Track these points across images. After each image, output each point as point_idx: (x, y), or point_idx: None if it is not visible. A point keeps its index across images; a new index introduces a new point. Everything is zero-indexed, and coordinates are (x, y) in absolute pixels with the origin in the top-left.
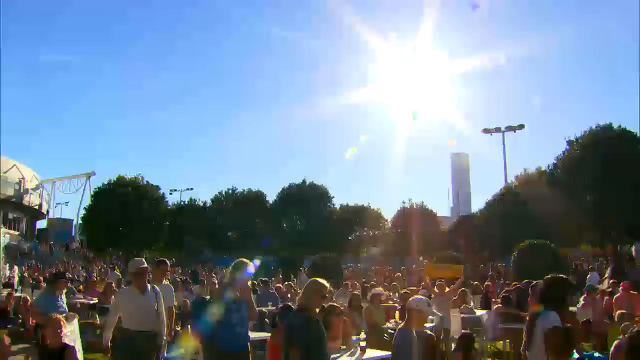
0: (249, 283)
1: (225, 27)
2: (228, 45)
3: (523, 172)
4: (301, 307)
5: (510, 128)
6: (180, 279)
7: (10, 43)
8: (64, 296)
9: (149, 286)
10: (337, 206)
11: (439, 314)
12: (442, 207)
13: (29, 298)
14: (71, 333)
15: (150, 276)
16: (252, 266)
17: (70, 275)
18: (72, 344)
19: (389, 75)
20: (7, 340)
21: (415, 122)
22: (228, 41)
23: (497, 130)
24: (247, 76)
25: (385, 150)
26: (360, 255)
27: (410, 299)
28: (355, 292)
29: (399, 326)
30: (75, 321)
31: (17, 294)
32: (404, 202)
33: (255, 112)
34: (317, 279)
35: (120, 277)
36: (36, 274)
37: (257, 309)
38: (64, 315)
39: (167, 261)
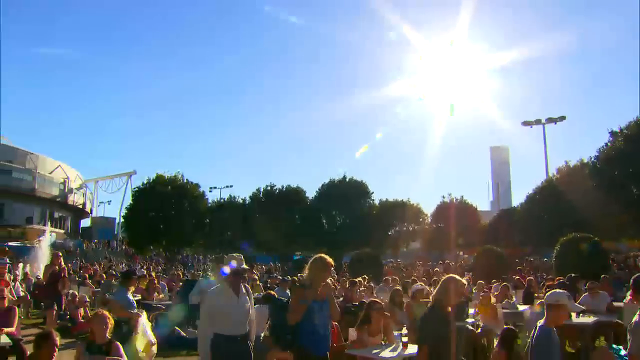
0: (329, 280)
1: (260, 21)
2: (263, 41)
3: (565, 165)
4: (437, 303)
5: (551, 120)
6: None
7: (57, 46)
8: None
9: (243, 287)
10: (377, 201)
11: (582, 307)
12: (482, 201)
13: (77, 294)
14: (143, 326)
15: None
16: (238, 261)
17: (114, 273)
18: (147, 338)
19: (425, 68)
20: (56, 335)
21: (453, 116)
22: (263, 36)
23: (538, 122)
24: (282, 71)
25: (423, 144)
26: (400, 250)
27: (549, 294)
28: (397, 288)
29: (539, 324)
30: (144, 316)
31: (64, 291)
32: (443, 197)
33: (292, 107)
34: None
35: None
36: (81, 271)
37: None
38: (135, 311)
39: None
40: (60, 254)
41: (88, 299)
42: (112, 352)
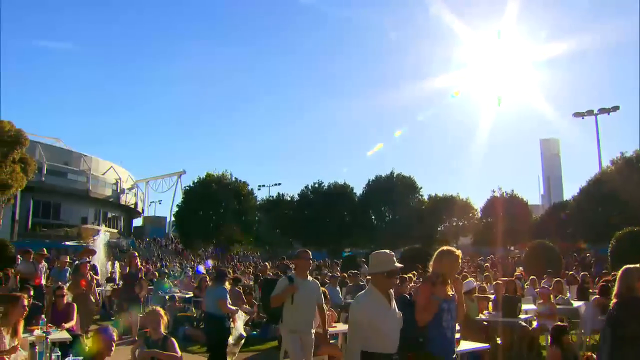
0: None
1: (304, 16)
2: (308, 37)
3: (620, 156)
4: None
5: (604, 110)
6: (272, 272)
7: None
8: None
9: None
10: (425, 197)
11: None
12: (532, 195)
13: None
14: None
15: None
16: (389, 259)
17: (166, 271)
18: (238, 331)
19: (472, 60)
20: (114, 330)
21: (500, 107)
22: (307, 32)
23: (590, 113)
24: (326, 65)
25: (471, 138)
26: (450, 245)
27: None
28: None
29: None
30: (241, 313)
31: (142, 293)
32: (493, 191)
33: (338, 102)
34: None
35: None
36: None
37: (348, 300)
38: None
39: (309, 252)
40: (137, 254)
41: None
42: (167, 348)
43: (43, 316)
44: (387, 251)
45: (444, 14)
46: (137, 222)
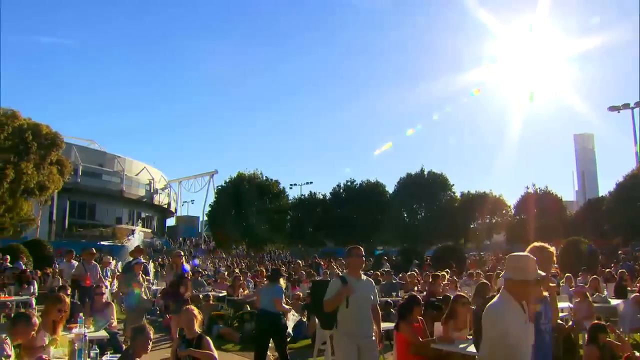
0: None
1: (333, 14)
2: (338, 33)
3: None
4: None
5: None
6: (305, 271)
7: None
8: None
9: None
10: (458, 194)
11: None
12: (566, 191)
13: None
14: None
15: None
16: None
17: (199, 270)
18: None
19: (504, 55)
20: (150, 329)
21: (533, 103)
22: (338, 29)
23: (625, 106)
24: (355, 63)
25: (502, 133)
26: (483, 243)
27: None
28: (484, 282)
29: None
30: (293, 313)
31: (154, 287)
32: (527, 187)
33: (368, 100)
34: None
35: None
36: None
37: (381, 299)
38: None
39: (361, 248)
40: (182, 253)
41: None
42: (202, 347)
43: (81, 314)
44: (528, 255)
45: (475, 8)
46: (171, 221)
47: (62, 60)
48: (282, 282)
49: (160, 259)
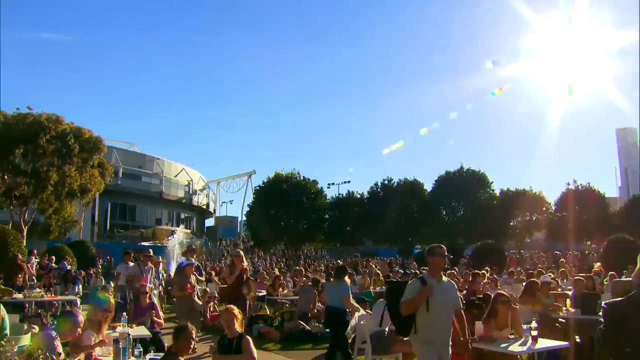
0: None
1: (372, 9)
2: (376, 29)
3: None
4: None
5: None
6: None
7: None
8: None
9: None
10: (497, 191)
11: None
12: (609, 187)
13: (207, 290)
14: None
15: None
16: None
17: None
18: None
19: (541, 48)
20: (192, 329)
21: (572, 97)
22: (377, 23)
23: None
24: (392, 60)
25: (541, 128)
26: (524, 241)
27: None
28: (534, 280)
29: None
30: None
31: (251, 294)
32: (568, 184)
33: (405, 95)
34: None
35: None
36: (207, 268)
37: None
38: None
39: (443, 247)
40: (242, 252)
41: (217, 294)
42: (242, 346)
43: (125, 314)
44: None
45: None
46: (210, 222)
47: (102, 63)
48: (347, 279)
49: (230, 260)
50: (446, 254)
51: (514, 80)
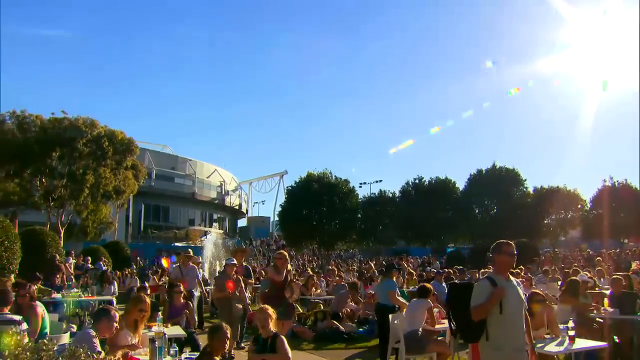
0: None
1: (405, 2)
2: (405, 22)
3: None
4: None
5: None
6: (376, 269)
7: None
8: None
9: None
10: (530, 189)
11: None
12: None
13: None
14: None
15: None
16: None
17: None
18: None
19: (575, 42)
20: (227, 328)
21: (607, 92)
22: (406, 17)
23: None
24: (421, 54)
25: (575, 124)
26: (558, 239)
27: None
28: (574, 278)
29: None
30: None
31: (294, 297)
32: (604, 181)
33: (436, 92)
34: None
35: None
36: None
37: None
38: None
39: (512, 244)
40: (285, 253)
41: (250, 294)
42: (277, 345)
43: (160, 313)
44: None
45: None
46: (242, 222)
47: (131, 65)
48: (394, 276)
49: (273, 261)
50: (515, 252)
51: (547, 75)
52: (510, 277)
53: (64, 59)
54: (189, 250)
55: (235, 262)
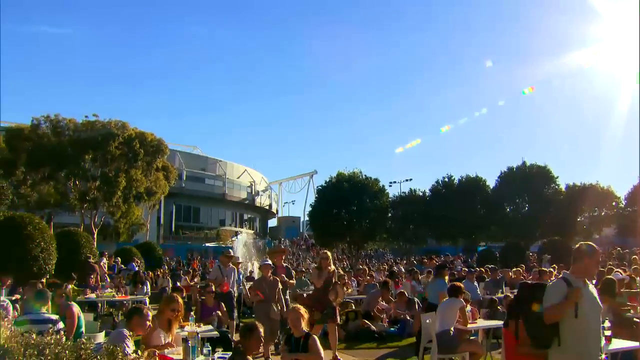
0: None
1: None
2: (437, 16)
3: None
4: None
5: None
6: (406, 268)
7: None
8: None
9: None
10: (563, 186)
11: None
12: None
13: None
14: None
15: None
16: None
17: (302, 269)
18: None
19: (608, 35)
20: (261, 327)
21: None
22: (437, 10)
23: None
24: (454, 48)
25: (608, 120)
26: (592, 237)
27: None
28: (610, 277)
29: None
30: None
31: (338, 300)
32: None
33: (466, 88)
34: None
35: None
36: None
37: (486, 296)
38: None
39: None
40: (329, 253)
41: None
42: (309, 345)
43: (192, 313)
44: None
45: None
46: (272, 222)
47: (154, 61)
48: (446, 277)
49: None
50: (600, 251)
51: (578, 69)
52: (587, 281)
53: (88, 59)
54: (229, 250)
55: (270, 262)
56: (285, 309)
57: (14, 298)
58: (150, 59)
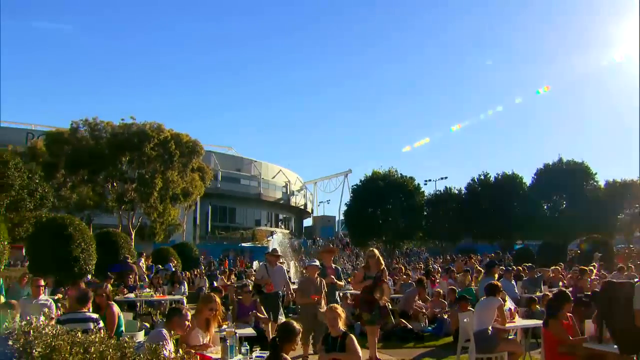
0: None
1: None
2: (452, 16)
3: None
4: None
5: None
6: (441, 266)
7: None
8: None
9: None
10: (602, 183)
11: None
12: None
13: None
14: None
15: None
16: None
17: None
18: None
19: (633, 33)
20: (298, 325)
21: None
22: (467, 7)
23: None
24: (479, 50)
25: None
26: (634, 234)
27: None
28: None
29: None
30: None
31: (384, 298)
32: None
33: (496, 79)
34: None
35: None
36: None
37: (524, 295)
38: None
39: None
40: (376, 251)
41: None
42: (347, 344)
43: (229, 313)
44: None
45: None
46: (307, 222)
47: (185, 64)
48: (495, 273)
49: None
50: None
51: (614, 64)
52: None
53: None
54: (276, 249)
55: (316, 263)
56: None
57: (56, 297)
58: (185, 59)
